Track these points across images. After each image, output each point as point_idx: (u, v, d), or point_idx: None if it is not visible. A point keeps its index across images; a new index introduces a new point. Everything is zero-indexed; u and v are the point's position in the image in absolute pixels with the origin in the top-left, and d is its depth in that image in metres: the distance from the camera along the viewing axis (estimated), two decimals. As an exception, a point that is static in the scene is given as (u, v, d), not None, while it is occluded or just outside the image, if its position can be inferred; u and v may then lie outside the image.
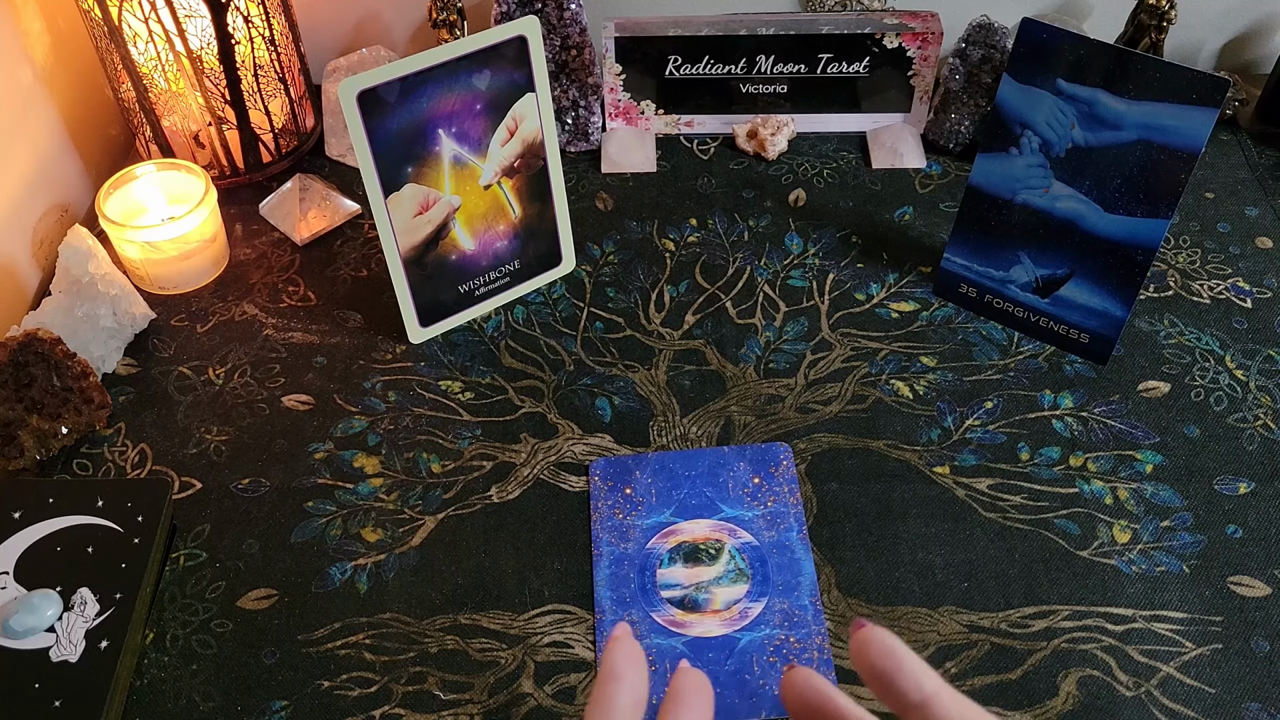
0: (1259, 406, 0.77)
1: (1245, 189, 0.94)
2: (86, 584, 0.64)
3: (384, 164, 0.73)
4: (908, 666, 0.37)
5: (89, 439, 0.75)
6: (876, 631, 0.38)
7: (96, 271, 0.79)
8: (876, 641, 0.37)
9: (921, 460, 0.74)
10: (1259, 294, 0.85)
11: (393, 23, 1.06)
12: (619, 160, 0.97)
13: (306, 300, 0.86)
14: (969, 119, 0.96)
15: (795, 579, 0.67)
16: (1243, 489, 0.72)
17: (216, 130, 0.91)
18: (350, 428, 0.76)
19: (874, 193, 0.95)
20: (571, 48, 0.94)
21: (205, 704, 0.62)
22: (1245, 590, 0.67)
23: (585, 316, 0.84)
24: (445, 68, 0.72)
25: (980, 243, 0.80)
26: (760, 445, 0.74)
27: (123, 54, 0.86)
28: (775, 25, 0.94)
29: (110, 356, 0.80)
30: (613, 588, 0.67)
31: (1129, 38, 0.95)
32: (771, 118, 0.98)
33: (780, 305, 0.85)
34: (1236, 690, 0.62)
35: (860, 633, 0.38)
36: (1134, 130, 0.70)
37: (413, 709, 0.62)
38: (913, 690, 0.36)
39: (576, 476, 0.73)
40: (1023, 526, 0.70)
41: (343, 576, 0.68)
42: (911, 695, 0.36)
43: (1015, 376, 0.79)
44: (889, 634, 0.38)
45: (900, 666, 0.37)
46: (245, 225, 0.92)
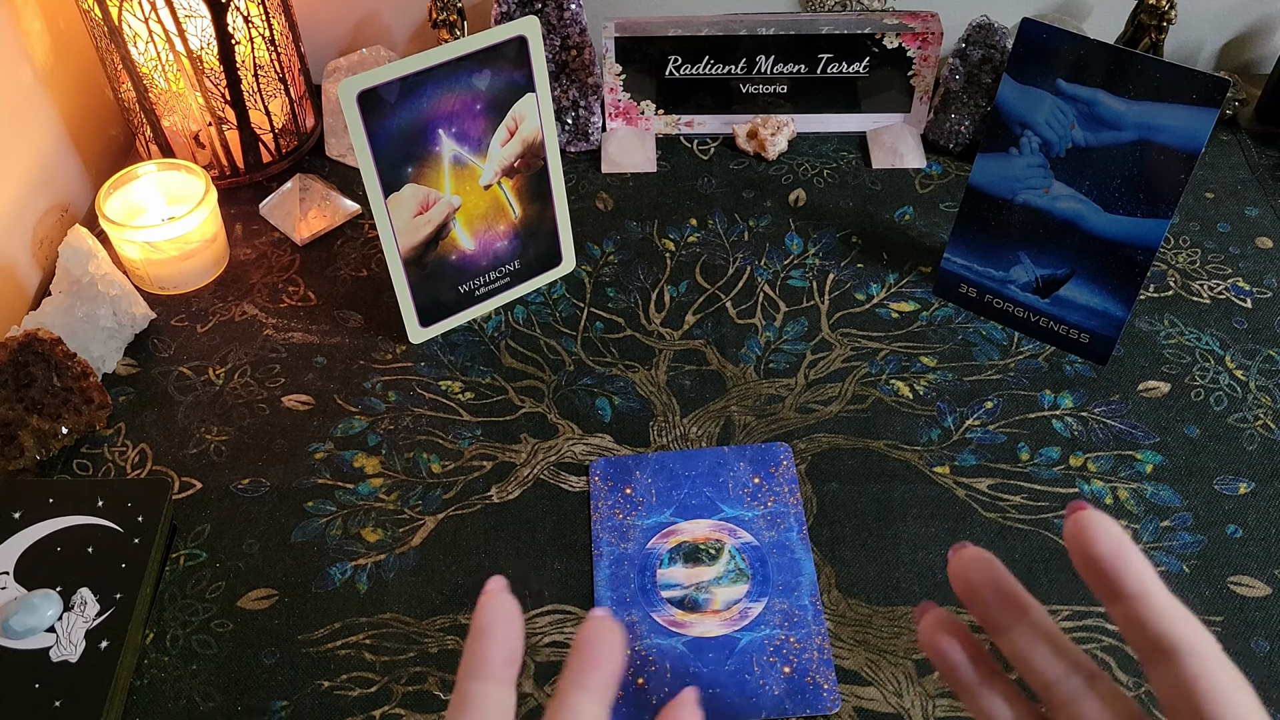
0: (1259, 406, 0.77)
1: (1245, 189, 0.94)
2: (86, 584, 0.64)
3: (384, 164, 0.73)
4: (1135, 559, 0.37)
5: (89, 439, 0.76)
6: (1099, 516, 0.37)
7: (96, 271, 0.79)
8: (1101, 525, 0.37)
9: (921, 460, 0.74)
10: (1259, 294, 0.85)
11: (393, 23, 1.06)
12: (619, 160, 0.97)
13: (306, 300, 0.86)
14: (969, 119, 0.96)
15: (795, 579, 0.67)
16: (1243, 489, 0.72)
17: (216, 130, 0.91)
18: (350, 428, 0.76)
19: (874, 193, 0.95)
20: (571, 48, 0.94)
21: (205, 704, 0.62)
22: (1245, 590, 0.67)
23: (585, 316, 0.84)
24: (445, 68, 0.72)
25: (980, 243, 0.80)
26: (760, 445, 0.74)
27: (123, 54, 0.86)
28: (775, 25, 0.94)
29: (110, 356, 0.80)
30: (613, 588, 0.67)
31: (1129, 38, 0.95)
32: (771, 118, 0.98)
33: (780, 305, 0.85)
34: (1236, 690, 0.62)
35: (1080, 515, 0.38)
36: (1134, 130, 0.70)
37: (413, 709, 0.62)
38: (1133, 581, 0.36)
39: (576, 476, 0.73)
40: (1023, 526, 0.70)
41: (343, 576, 0.68)
42: (1131, 585, 0.36)
43: (1015, 376, 0.79)
44: (1112, 521, 0.37)
45: (1128, 557, 0.37)
46: (245, 225, 0.92)
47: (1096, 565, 0.37)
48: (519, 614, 0.39)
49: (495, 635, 0.38)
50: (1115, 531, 0.37)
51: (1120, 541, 0.37)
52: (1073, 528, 0.38)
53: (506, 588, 0.40)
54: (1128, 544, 0.37)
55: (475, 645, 0.38)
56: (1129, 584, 0.36)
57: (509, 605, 0.40)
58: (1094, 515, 0.37)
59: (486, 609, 0.39)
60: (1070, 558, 0.37)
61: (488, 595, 0.40)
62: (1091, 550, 0.37)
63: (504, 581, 0.41)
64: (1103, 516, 0.37)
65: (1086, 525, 0.37)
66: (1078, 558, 0.38)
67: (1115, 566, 0.37)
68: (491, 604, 0.39)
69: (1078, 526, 0.37)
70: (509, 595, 0.40)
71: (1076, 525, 0.37)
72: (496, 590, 0.40)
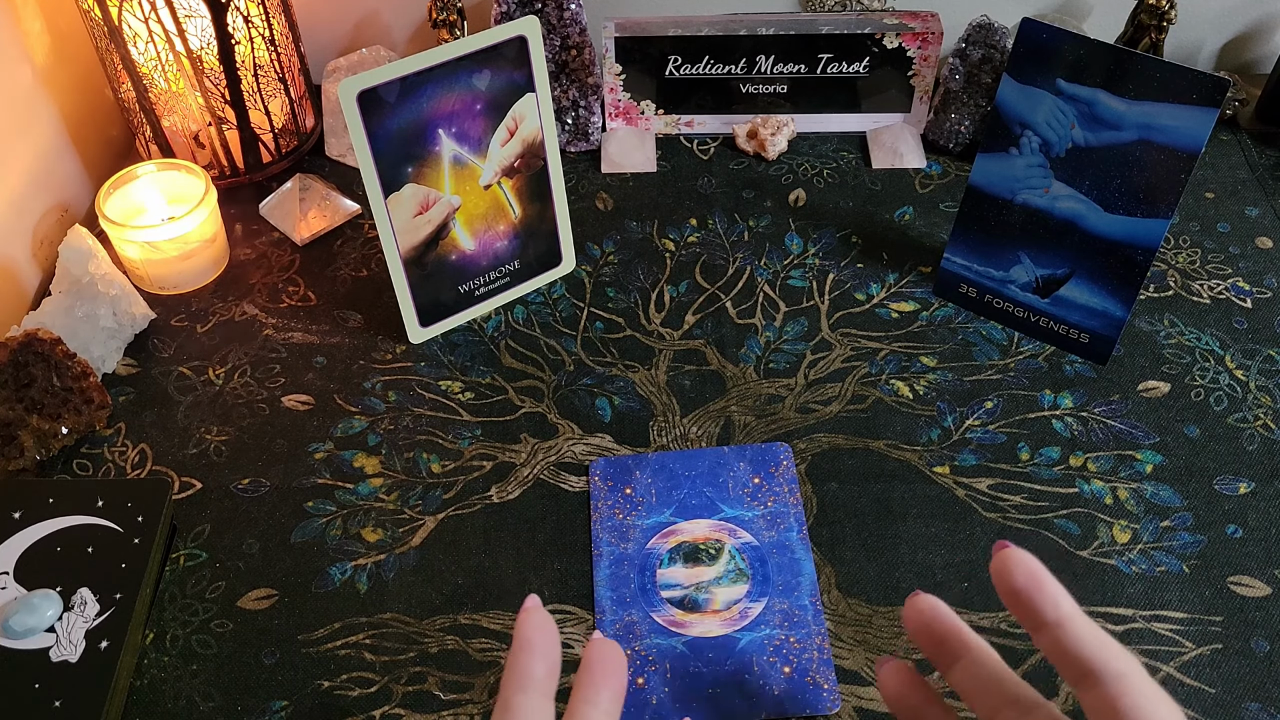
0: (1259, 406, 0.77)
1: (1245, 189, 0.94)
2: (86, 584, 0.64)
3: (384, 164, 0.73)
4: (1049, 588, 0.39)
5: (89, 439, 0.76)
6: (1017, 552, 0.39)
7: (96, 271, 0.79)
8: (1019, 562, 0.39)
9: (921, 460, 0.74)
10: (1259, 294, 0.85)
11: (393, 23, 1.06)
12: (619, 160, 0.97)
13: (306, 300, 0.86)
14: (969, 119, 0.96)
15: (795, 579, 0.67)
16: (1243, 489, 0.72)
17: (216, 130, 0.91)
18: (350, 428, 0.76)
19: (874, 193, 0.95)
20: (571, 48, 0.94)
21: (205, 704, 0.62)
22: (1245, 590, 0.67)
23: (585, 316, 0.84)
24: (445, 68, 0.72)
25: (980, 243, 0.80)
26: (760, 445, 0.74)
27: (123, 54, 0.86)
28: (775, 25, 0.95)
29: (110, 356, 0.80)
30: (613, 588, 0.67)
31: (1129, 38, 0.95)
32: (771, 118, 0.98)
33: (780, 305, 0.85)
34: (1236, 690, 0.62)
35: (1003, 553, 0.40)
36: (1134, 130, 0.70)
37: (413, 709, 0.62)
38: (1049, 609, 0.38)
39: (576, 476, 0.73)
40: (1023, 526, 0.70)
41: (343, 576, 0.68)
42: (1048, 614, 0.38)
43: (1015, 376, 0.79)
44: (1030, 556, 0.39)
45: (1041, 586, 0.38)
46: (245, 225, 0.92)
47: (1016, 598, 0.38)
48: (557, 629, 0.41)
49: (538, 649, 0.40)
50: (1032, 565, 0.39)
51: (1035, 575, 0.38)
52: (995, 565, 0.40)
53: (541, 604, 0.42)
54: (1043, 576, 0.38)
55: (519, 658, 0.40)
56: (1047, 613, 0.38)
57: (548, 620, 0.41)
58: (1013, 552, 0.39)
59: (528, 624, 0.41)
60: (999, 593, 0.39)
61: (527, 611, 0.41)
62: (1010, 583, 0.39)
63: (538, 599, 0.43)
64: (1021, 553, 0.39)
65: (1005, 560, 0.39)
66: (1002, 592, 0.39)
67: (1032, 598, 0.38)
68: (532, 619, 0.41)
69: (999, 563, 0.39)
70: (545, 611, 0.42)
71: (999, 562, 0.39)
72: (535, 606, 0.42)
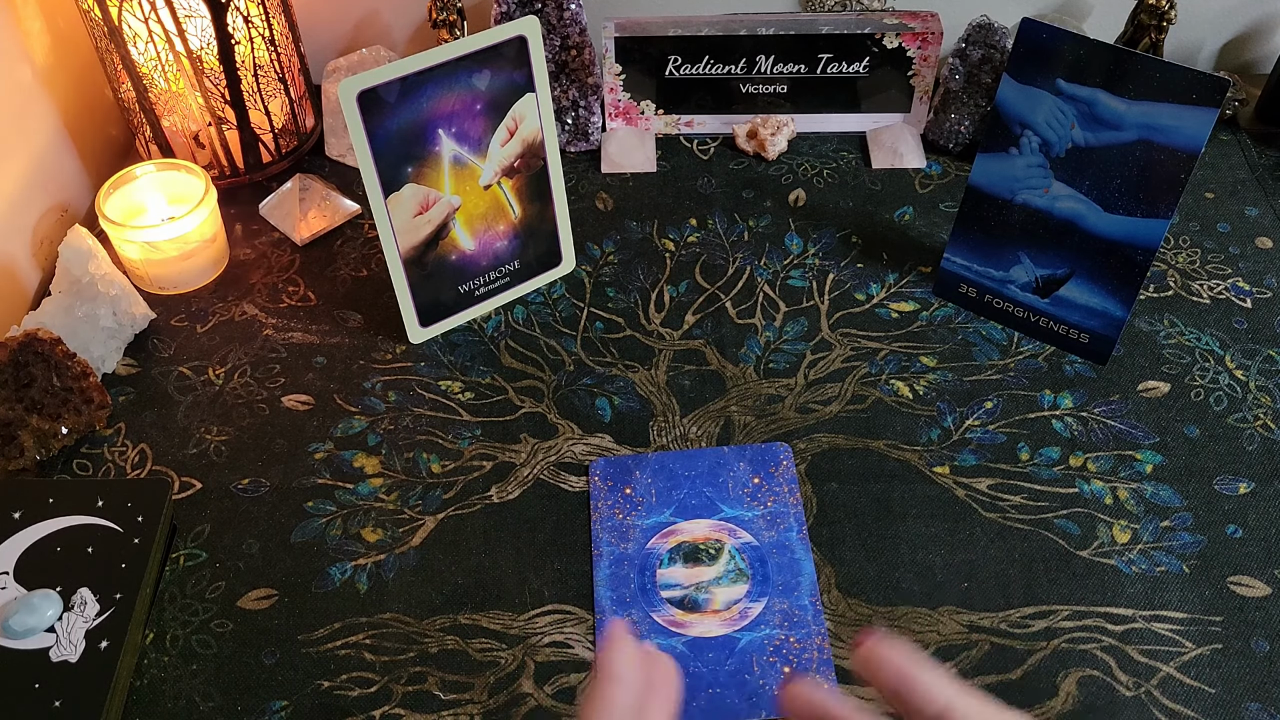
0: (1259, 406, 0.77)
1: (1245, 189, 0.94)
2: (86, 584, 0.64)
3: (384, 164, 0.73)
4: (921, 680, 0.35)
5: (89, 439, 0.75)
6: (882, 645, 0.36)
7: (96, 271, 0.79)
8: (884, 659, 0.36)
9: (921, 460, 0.74)
10: (1259, 294, 0.85)
11: (393, 23, 1.06)
12: (619, 160, 0.97)
13: (306, 300, 0.86)
14: (969, 119, 0.96)
15: (795, 579, 0.67)
16: (1243, 489, 0.72)
17: (216, 130, 0.91)
18: (350, 428, 0.76)
19: (874, 193, 0.95)
20: (571, 48, 0.94)
21: (205, 704, 0.62)
22: (1245, 590, 0.67)
23: (585, 316, 0.84)
24: (445, 68, 0.72)
25: (980, 243, 0.80)
26: (760, 445, 0.74)
27: (123, 54, 0.86)
28: (775, 25, 0.94)
29: (110, 356, 0.80)
30: (613, 588, 0.67)
31: (1129, 38, 0.95)
32: (771, 118, 0.98)
33: (780, 305, 0.85)
34: (1236, 690, 0.62)
35: (863, 650, 0.36)
36: (1134, 130, 0.70)
37: (413, 709, 0.62)
38: (930, 703, 0.35)
39: (576, 476, 0.73)
40: (1023, 526, 0.70)
41: (343, 576, 0.68)
42: (929, 709, 0.35)
43: (1015, 376, 0.79)
44: (896, 647, 0.36)
45: (914, 681, 0.35)
46: (245, 225, 0.92)
47: (895, 698, 0.35)
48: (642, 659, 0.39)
49: (625, 682, 0.37)
50: (897, 659, 0.35)
51: (903, 670, 0.35)
52: (858, 661, 0.36)
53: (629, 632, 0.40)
54: (913, 669, 0.35)
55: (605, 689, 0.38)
56: (928, 707, 0.35)
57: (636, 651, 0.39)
58: (875, 647, 0.36)
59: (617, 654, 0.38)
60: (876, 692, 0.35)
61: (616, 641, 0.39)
62: (882, 683, 0.36)
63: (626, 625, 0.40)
64: (884, 645, 0.35)
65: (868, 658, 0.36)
66: (878, 690, 0.36)
67: (910, 695, 0.35)
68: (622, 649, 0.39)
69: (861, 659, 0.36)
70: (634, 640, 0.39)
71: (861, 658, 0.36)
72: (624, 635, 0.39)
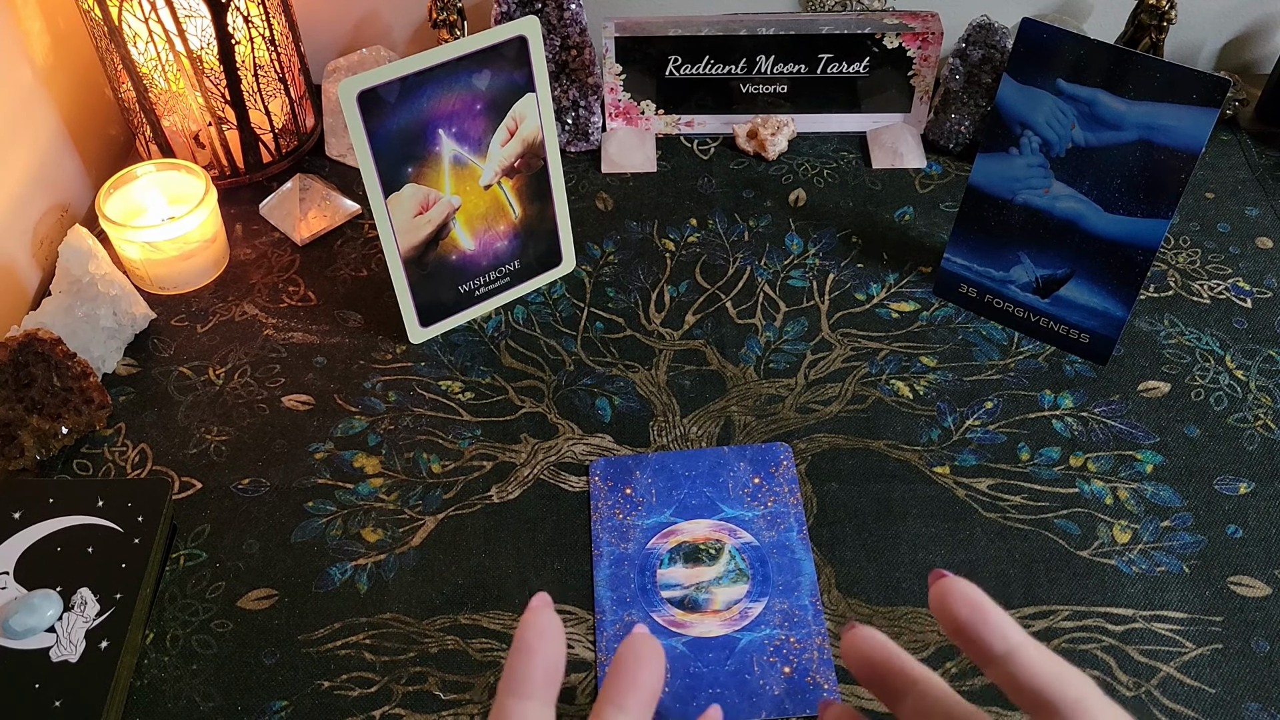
0: (1259, 406, 0.77)
1: (1245, 189, 0.94)
2: (86, 584, 0.64)
3: (384, 164, 0.73)
4: (993, 618, 0.36)
5: (89, 439, 0.75)
6: (957, 582, 0.37)
7: (96, 271, 0.79)
8: (958, 593, 0.36)
9: (921, 460, 0.74)
10: (1259, 294, 0.85)
11: (393, 23, 1.06)
12: (619, 160, 0.97)
13: (306, 300, 0.86)
14: (969, 119, 0.96)
15: (795, 579, 0.67)
16: (1243, 489, 0.72)
17: (216, 130, 0.91)
18: (350, 428, 0.76)
19: (874, 193, 0.95)
20: (571, 48, 0.94)
21: (205, 704, 0.62)
22: (1245, 590, 0.67)
23: (585, 316, 0.84)
24: (445, 68, 0.72)
25: (980, 243, 0.80)
26: (760, 445, 0.74)
27: (123, 54, 0.86)
28: (775, 25, 0.95)
29: (110, 356, 0.80)
30: (613, 588, 0.67)
31: (1129, 38, 0.95)
32: (771, 118, 0.98)
33: (780, 305, 0.85)
34: (1236, 690, 0.62)
35: (941, 583, 0.37)
36: (1134, 130, 0.70)
37: (413, 709, 0.62)
38: (998, 641, 0.36)
39: (576, 476, 0.73)
40: (1023, 526, 0.70)
41: (343, 576, 0.68)
42: (996, 647, 0.35)
43: (1015, 376, 0.79)
44: (970, 584, 0.36)
45: (986, 618, 0.36)
46: (245, 225, 0.92)
47: (961, 632, 0.36)
48: (562, 631, 0.39)
49: (537, 652, 0.38)
50: (975, 596, 0.36)
51: (978, 606, 0.36)
52: (934, 597, 0.37)
53: (550, 605, 0.40)
54: (987, 607, 0.36)
55: (517, 661, 0.38)
56: (995, 646, 0.36)
57: (553, 622, 0.39)
58: (951, 582, 0.37)
59: (530, 625, 0.38)
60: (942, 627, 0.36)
61: (532, 612, 0.39)
62: (953, 617, 0.36)
63: (548, 598, 0.40)
64: (961, 583, 0.36)
65: (945, 592, 0.36)
66: (945, 626, 0.37)
67: (978, 631, 0.36)
68: (535, 620, 0.39)
69: (937, 595, 0.37)
70: (553, 612, 0.39)
71: (937, 594, 0.37)
72: (541, 606, 0.39)
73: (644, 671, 0.39)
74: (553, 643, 0.38)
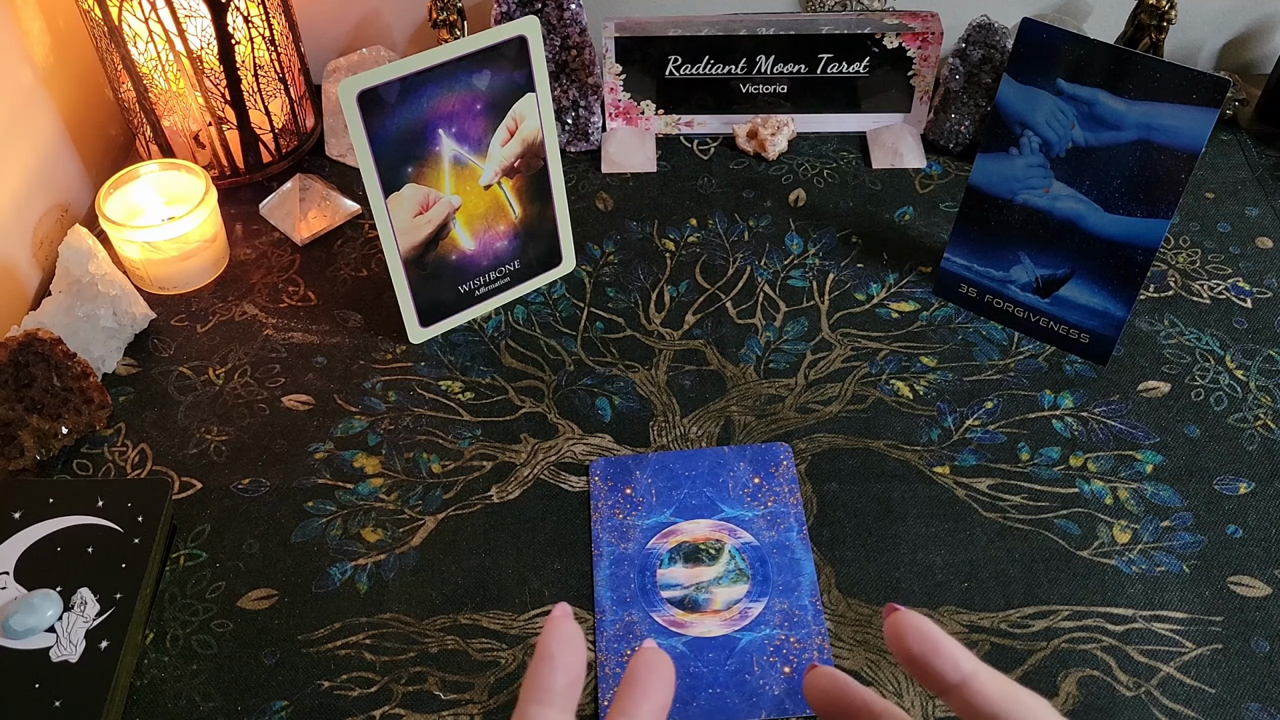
0: (1259, 406, 0.77)
1: (1245, 189, 0.94)
2: (86, 584, 0.64)
3: (384, 164, 0.73)
4: (944, 648, 0.37)
5: (89, 439, 0.75)
6: (909, 616, 0.38)
7: (96, 271, 0.79)
8: (910, 626, 0.37)
9: (921, 460, 0.74)
10: (1259, 294, 0.85)
11: (393, 23, 1.06)
12: (619, 160, 0.97)
13: (306, 300, 0.86)
14: (969, 119, 0.96)
15: (795, 579, 0.67)
16: (1243, 489, 0.72)
17: (216, 130, 0.91)
18: (350, 428, 0.76)
19: (874, 193, 0.95)
20: (571, 48, 0.94)
21: (205, 704, 0.62)
22: (1245, 590, 0.67)
23: (585, 316, 0.84)
24: (445, 68, 0.72)
25: (980, 243, 0.80)
26: (760, 445, 0.74)
27: (123, 54, 0.86)
28: (775, 25, 0.94)
29: (110, 356, 0.80)
30: (613, 588, 0.67)
31: (1129, 38, 0.95)
32: (771, 118, 0.98)
33: (780, 305, 0.85)
34: (1236, 690, 0.62)
35: (893, 617, 0.38)
36: (1134, 130, 0.70)
37: (413, 709, 0.62)
38: (951, 671, 0.36)
39: (576, 476, 0.73)
40: (1023, 526, 0.70)
41: (343, 576, 0.68)
42: (950, 676, 0.36)
43: (1015, 376, 0.79)
44: (922, 617, 0.38)
45: (937, 648, 0.37)
46: (245, 225, 0.92)
47: (915, 664, 0.37)
48: (583, 640, 0.39)
49: (560, 660, 0.38)
50: (925, 628, 0.37)
51: (928, 637, 0.37)
52: (887, 631, 0.38)
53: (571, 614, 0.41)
54: (938, 637, 0.37)
55: (540, 669, 0.38)
56: (949, 674, 0.37)
57: (574, 631, 0.40)
58: (904, 616, 0.38)
59: (553, 634, 0.39)
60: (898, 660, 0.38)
61: (554, 620, 0.40)
62: (906, 650, 0.37)
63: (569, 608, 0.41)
64: (912, 616, 0.38)
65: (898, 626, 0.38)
66: (899, 658, 0.38)
67: (930, 661, 0.37)
68: (558, 629, 0.39)
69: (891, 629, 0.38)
70: (574, 622, 0.40)
71: (890, 629, 0.38)
72: (562, 615, 0.40)
73: (656, 681, 0.39)
74: (575, 652, 0.39)
